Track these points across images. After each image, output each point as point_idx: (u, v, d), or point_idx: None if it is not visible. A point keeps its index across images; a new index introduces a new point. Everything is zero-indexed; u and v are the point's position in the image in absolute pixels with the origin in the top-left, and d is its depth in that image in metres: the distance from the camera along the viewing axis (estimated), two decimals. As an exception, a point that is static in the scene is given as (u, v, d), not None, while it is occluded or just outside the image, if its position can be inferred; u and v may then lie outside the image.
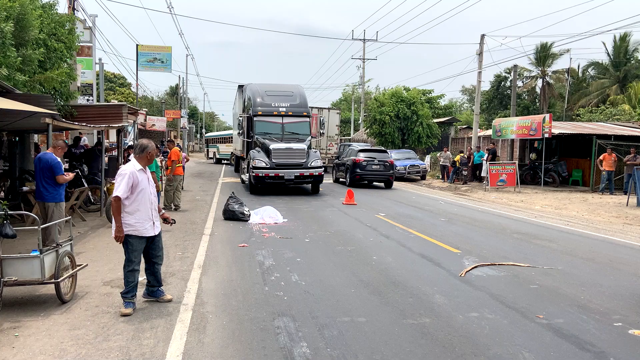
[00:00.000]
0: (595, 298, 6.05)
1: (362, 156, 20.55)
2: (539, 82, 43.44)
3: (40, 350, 4.37)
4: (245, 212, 11.67)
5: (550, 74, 42.67)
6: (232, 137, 30.75)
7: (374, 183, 21.51)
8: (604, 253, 8.86)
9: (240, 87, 22.82)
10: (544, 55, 41.00)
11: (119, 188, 5.26)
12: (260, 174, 16.76)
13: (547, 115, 20.62)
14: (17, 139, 12.69)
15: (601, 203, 16.06)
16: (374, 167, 20.49)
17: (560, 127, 21.94)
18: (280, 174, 16.82)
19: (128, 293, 5.40)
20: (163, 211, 6.11)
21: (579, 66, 42.89)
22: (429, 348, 4.51)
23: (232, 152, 31.65)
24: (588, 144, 20.61)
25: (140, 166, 5.47)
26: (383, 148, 25.13)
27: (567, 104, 39.31)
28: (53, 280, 5.39)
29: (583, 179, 21.94)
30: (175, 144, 15.83)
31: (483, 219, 12.75)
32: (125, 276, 5.42)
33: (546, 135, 20.22)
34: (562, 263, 7.87)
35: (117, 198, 5.25)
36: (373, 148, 23.32)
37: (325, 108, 29.88)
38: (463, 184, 23.45)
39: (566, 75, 40.45)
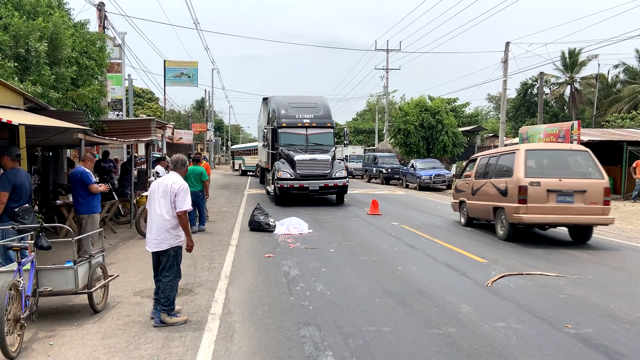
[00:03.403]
0: (625, 307, 5.93)
1: None
2: (568, 89, 42.74)
3: (75, 359, 4.52)
4: (271, 223, 11.79)
5: (578, 80, 41.95)
6: (257, 149, 31.08)
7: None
8: (635, 262, 8.66)
9: (265, 99, 23.10)
10: (571, 61, 40.37)
11: (187, 201, 5.39)
12: (285, 185, 16.90)
13: (576, 122, 20.26)
14: (51, 154, 13.13)
15: (633, 211, 15.66)
16: None
17: (590, 134, 21.51)
18: (304, 185, 16.93)
19: (174, 304, 5.50)
20: None
21: (608, 72, 42.01)
22: (455, 358, 4.49)
23: (257, 164, 31.99)
24: (619, 151, 20.15)
25: None
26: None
27: (597, 111, 38.52)
28: (86, 291, 5.56)
29: (614, 187, 21.38)
30: (202, 157, 16.13)
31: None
32: (172, 288, 5.44)
33: (575, 143, 19.86)
34: (592, 272, 7.73)
35: (186, 212, 5.40)
36: None
37: None
38: (490, 193, 23.14)
39: (595, 81, 39.69)
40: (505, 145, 28.05)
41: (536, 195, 9.71)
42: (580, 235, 10.48)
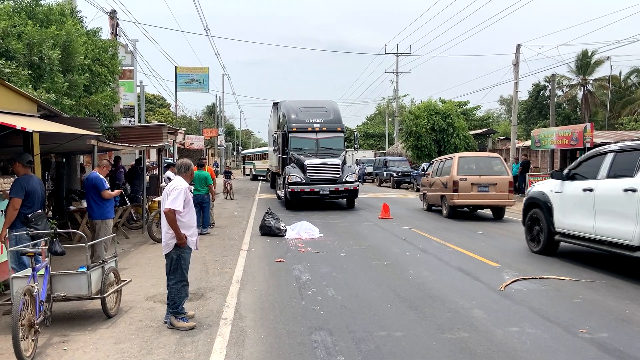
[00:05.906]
0: (642, 312, 5.84)
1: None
2: (580, 91, 42.35)
3: (88, 363, 4.55)
4: (282, 228, 11.80)
5: (591, 82, 41.55)
6: (267, 154, 31.17)
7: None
8: (651, 265, 8.52)
9: (275, 104, 23.18)
10: (584, 63, 40.00)
11: (176, 201, 5.30)
12: (295, 190, 16.92)
13: (589, 125, 20.08)
14: (64, 160, 13.27)
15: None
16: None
17: (603, 137, 21.31)
18: (315, 189, 16.94)
19: (182, 307, 5.52)
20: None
21: (620, 73, 41.58)
22: (468, 363, 4.45)
23: (267, 169, 32.08)
24: (633, 153, 19.92)
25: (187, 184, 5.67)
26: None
27: (610, 113, 38.13)
28: (99, 296, 5.60)
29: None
30: (214, 162, 16.19)
31: (523, 231, 12.45)
32: (178, 291, 5.45)
33: (588, 145, 19.65)
34: (606, 276, 7.62)
35: (171, 211, 5.27)
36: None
37: None
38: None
39: (607, 83, 39.31)
40: (517, 148, 27.95)
41: (464, 187, 14.18)
42: (497, 214, 14.90)
